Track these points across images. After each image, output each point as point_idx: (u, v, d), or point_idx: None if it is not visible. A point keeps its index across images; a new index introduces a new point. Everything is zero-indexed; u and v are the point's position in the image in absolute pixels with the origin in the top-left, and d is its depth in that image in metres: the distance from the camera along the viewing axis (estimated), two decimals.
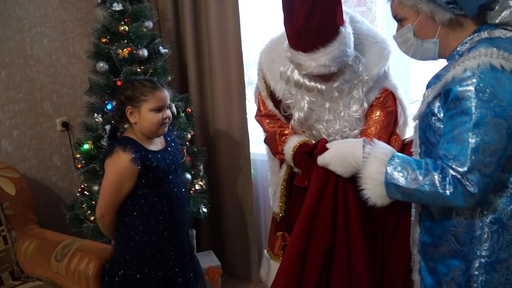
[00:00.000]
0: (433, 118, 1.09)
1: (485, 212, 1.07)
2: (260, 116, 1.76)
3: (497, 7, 1.06)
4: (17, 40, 2.29)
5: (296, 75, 1.46)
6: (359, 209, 1.30)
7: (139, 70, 2.03)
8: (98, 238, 2.03)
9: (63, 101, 2.53)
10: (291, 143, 1.57)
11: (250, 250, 2.57)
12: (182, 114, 2.19)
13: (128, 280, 1.60)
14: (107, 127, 1.63)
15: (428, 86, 1.14)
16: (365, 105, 1.52)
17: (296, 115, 1.53)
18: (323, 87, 1.45)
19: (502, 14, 1.06)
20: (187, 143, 2.22)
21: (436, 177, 1.03)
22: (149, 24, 2.11)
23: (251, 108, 2.58)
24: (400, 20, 1.15)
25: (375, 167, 1.13)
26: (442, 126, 1.07)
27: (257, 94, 1.76)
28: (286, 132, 1.63)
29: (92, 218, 2.08)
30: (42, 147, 2.46)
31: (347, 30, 1.36)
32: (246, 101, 2.41)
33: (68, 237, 2.02)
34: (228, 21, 2.27)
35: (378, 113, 1.55)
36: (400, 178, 1.08)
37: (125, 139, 1.57)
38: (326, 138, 1.52)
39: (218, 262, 2.43)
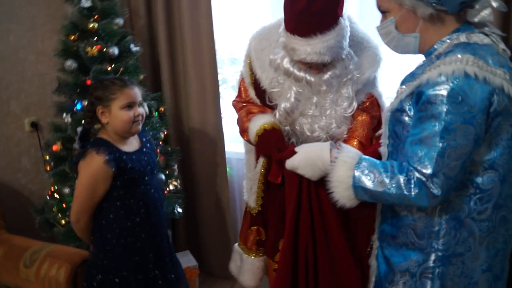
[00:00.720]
0: (403, 114, 1.11)
1: (445, 209, 1.10)
2: (238, 102, 1.72)
3: (477, 6, 1.07)
4: None
5: (287, 63, 1.45)
6: (332, 206, 1.32)
7: (110, 68, 1.98)
8: (70, 242, 1.98)
9: (31, 100, 2.45)
10: (258, 122, 1.55)
11: (228, 248, 2.56)
12: (155, 113, 2.16)
13: (107, 285, 1.57)
14: (79, 129, 1.59)
15: (402, 83, 1.15)
16: (355, 104, 1.51)
17: (283, 105, 1.51)
18: (312, 78, 1.44)
19: (482, 13, 1.07)
20: (161, 142, 2.19)
21: (401, 179, 1.06)
22: (120, 21, 2.06)
23: (226, 106, 2.56)
24: (383, 12, 1.16)
25: (343, 171, 1.16)
26: (410, 123, 1.09)
27: (240, 79, 1.73)
28: (254, 110, 1.62)
29: (63, 221, 2.03)
30: (9, 148, 2.38)
31: (346, 22, 1.38)
32: (221, 99, 2.39)
33: (37, 243, 1.97)
34: (201, 18, 2.25)
35: (364, 116, 1.57)
36: (367, 181, 1.11)
37: (98, 141, 1.54)
38: (309, 134, 1.52)
39: (195, 262, 2.41)
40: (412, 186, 1.05)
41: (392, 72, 1.95)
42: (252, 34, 1.64)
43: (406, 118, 1.10)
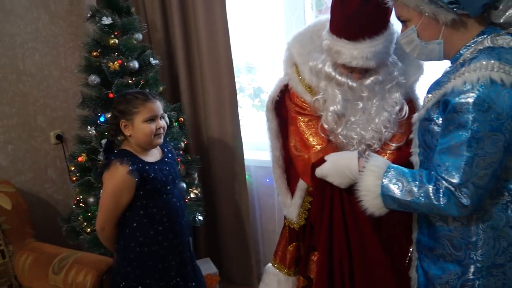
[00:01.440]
0: (432, 123, 1.09)
1: (481, 218, 1.08)
2: (296, 113, 1.58)
3: (501, 6, 1.04)
4: (9, 56, 2.31)
5: (328, 67, 1.42)
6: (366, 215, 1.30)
7: (131, 82, 2.05)
8: (95, 249, 2.04)
9: (56, 115, 2.55)
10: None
11: (248, 255, 2.59)
12: (175, 124, 2.21)
13: None
14: (103, 141, 1.64)
15: (429, 92, 1.13)
16: (406, 108, 1.45)
17: (332, 108, 1.44)
18: (354, 84, 1.40)
19: (507, 13, 1.04)
20: (181, 152, 2.25)
21: (430, 189, 1.06)
22: (139, 36, 2.13)
23: (243, 114, 2.61)
24: (403, 21, 1.14)
25: (371, 180, 1.16)
26: (439, 131, 1.08)
27: (276, 90, 1.61)
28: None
29: (89, 230, 2.09)
30: (37, 160, 2.48)
31: (394, 28, 1.36)
32: (238, 107, 2.43)
33: (65, 250, 2.04)
34: (217, 28, 2.30)
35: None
36: (395, 190, 1.11)
37: (121, 152, 1.59)
38: (358, 142, 1.46)
39: (215, 269, 2.44)
40: (441, 195, 1.04)
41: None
42: (288, 42, 1.58)
43: (435, 127, 1.09)
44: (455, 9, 1.03)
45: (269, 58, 2.51)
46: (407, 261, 1.37)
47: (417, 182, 1.08)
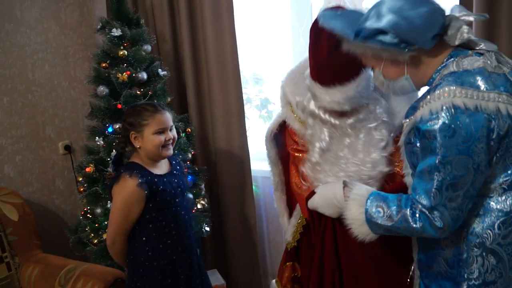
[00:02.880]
0: (413, 146, 1.12)
1: (469, 236, 1.09)
2: (294, 151, 1.61)
3: (451, 31, 1.08)
4: (19, 67, 2.33)
5: (312, 106, 1.45)
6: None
7: (139, 92, 2.06)
8: (102, 261, 2.03)
9: (65, 125, 2.56)
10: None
11: (255, 267, 2.57)
12: (183, 134, 2.21)
13: None
14: (113, 153, 1.64)
15: (406, 116, 1.16)
16: (391, 147, 1.45)
17: (318, 144, 1.47)
18: (337, 122, 1.42)
19: (458, 36, 1.08)
20: (188, 162, 2.24)
21: (407, 212, 1.09)
22: (148, 47, 2.15)
23: (250, 125, 2.61)
24: (372, 69, 1.22)
25: (355, 208, 1.21)
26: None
27: (275, 124, 1.65)
28: None
29: (96, 241, 2.08)
30: (45, 170, 2.48)
31: (369, 72, 1.35)
32: (245, 118, 2.43)
33: (71, 262, 2.03)
34: (225, 40, 2.31)
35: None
36: (377, 216, 1.15)
37: (130, 165, 1.59)
38: (344, 176, 1.44)
39: (222, 281, 2.42)
40: (417, 218, 1.08)
41: None
42: (282, 80, 1.61)
43: (417, 150, 1.11)
44: (407, 50, 1.06)
45: (277, 69, 2.51)
46: (408, 280, 1.36)
47: (395, 207, 1.12)
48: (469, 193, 1.04)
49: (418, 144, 1.10)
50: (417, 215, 1.07)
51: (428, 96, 1.06)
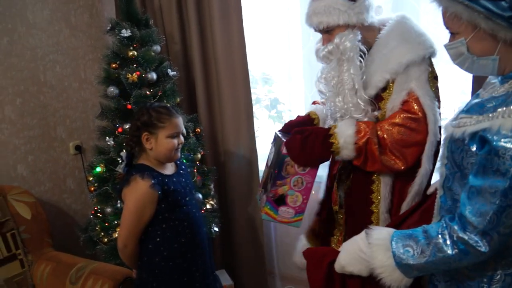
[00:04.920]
0: (466, 147, 0.99)
1: (502, 254, 1.01)
2: None
3: None
4: (31, 69, 2.37)
5: (318, 45, 1.58)
6: None
7: (149, 93, 2.07)
8: (112, 260, 2.05)
9: (75, 125, 2.59)
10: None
11: (262, 267, 2.57)
12: (192, 134, 2.22)
13: None
14: (123, 154, 1.63)
15: (467, 111, 1.02)
16: (360, 91, 1.46)
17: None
18: (318, 46, 1.56)
19: None
20: (197, 163, 2.25)
21: (438, 241, 1.00)
22: (157, 48, 2.16)
23: (260, 126, 2.61)
24: (452, 33, 1.02)
25: (381, 254, 1.09)
26: (473, 160, 0.98)
27: None
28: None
29: (106, 240, 2.10)
30: (56, 170, 2.51)
31: None
32: (254, 118, 2.43)
33: (82, 260, 2.05)
34: (234, 39, 2.31)
35: (398, 119, 1.43)
36: (407, 256, 1.04)
37: (140, 167, 1.58)
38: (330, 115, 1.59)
39: (231, 281, 2.42)
40: (450, 244, 0.97)
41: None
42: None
43: (468, 154, 0.99)
44: None
45: (286, 69, 2.51)
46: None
47: (423, 240, 1.01)
48: None
49: (472, 148, 0.97)
50: (450, 240, 0.96)
51: None
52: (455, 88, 2.18)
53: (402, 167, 1.43)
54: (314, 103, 1.79)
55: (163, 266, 1.58)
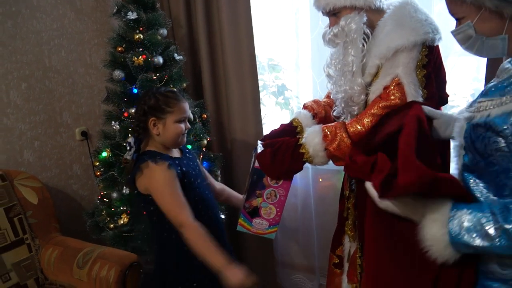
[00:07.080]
0: (492, 132, 0.93)
1: None
2: None
3: None
4: (35, 53, 2.35)
5: (326, 29, 1.58)
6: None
7: (155, 77, 2.05)
8: (116, 245, 2.05)
9: (81, 111, 2.58)
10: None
11: (268, 257, 2.56)
12: (198, 120, 2.20)
13: None
14: (130, 139, 1.55)
15: (486, 94, 0.98)
16: (356, 71, 1.46)
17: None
18: (325, 30, 1.56)
19: None
20: (204, 149, 2.23)
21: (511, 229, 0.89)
22: (164, 31, 2.13)
23: (266, 112, 2.58)
24: (458, 18, 1.01)
25: (436, 229, 0.97)
26: (502, 145, 0.92)
27: None
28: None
29: (112, 225, 2.10)
30: (62, 156, 2.51)
31: None
32: (261, 105, 2.41)
33: (89, 245, 2.05)
34: (240, 25, 2.28)
35: (375, 106, 1.42)
36: (467, 236, 0.93)
37: (150, 153, 1.54)
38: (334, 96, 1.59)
39: None
40: None
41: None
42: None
43: (499, 138, 0.92)
44: None
45: (293, 56, 2.47)
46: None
47: (491, 223, 0.90)
48: None
49: (508, 132, 0.90)
50: None
51: None
52: (466, 76, 2.14)
53: None
54: (304, 106, 1.75)
55: (185, 250, 1.50)
